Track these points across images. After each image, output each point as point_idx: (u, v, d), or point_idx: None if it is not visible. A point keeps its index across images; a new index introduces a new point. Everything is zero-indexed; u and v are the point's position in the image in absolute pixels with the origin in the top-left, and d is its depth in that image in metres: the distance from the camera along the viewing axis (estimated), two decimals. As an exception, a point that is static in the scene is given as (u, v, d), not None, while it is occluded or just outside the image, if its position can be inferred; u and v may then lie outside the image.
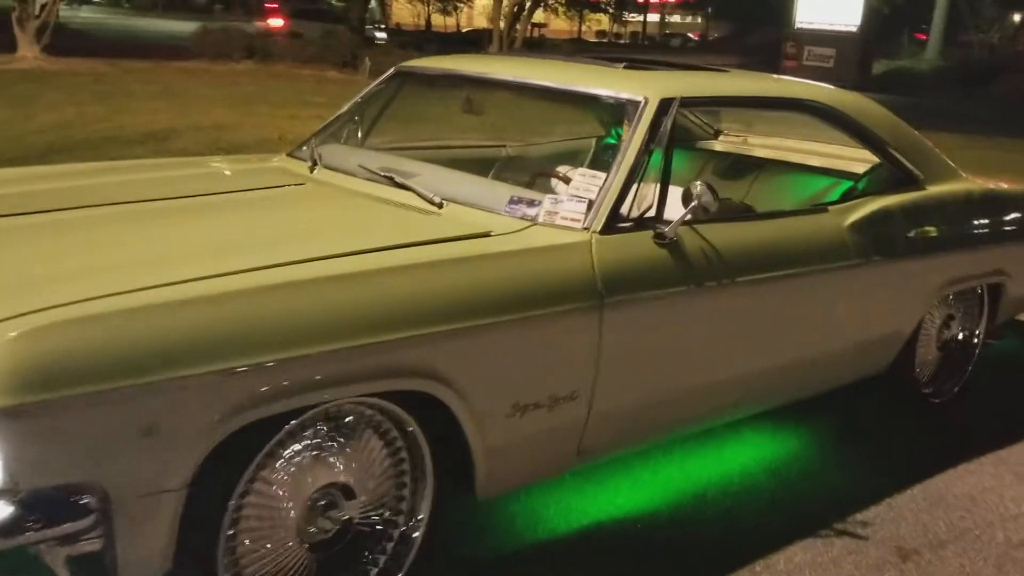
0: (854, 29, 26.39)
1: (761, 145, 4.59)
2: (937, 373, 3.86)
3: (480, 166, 3.00)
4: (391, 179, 2.82)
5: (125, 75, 15.20)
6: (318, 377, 2.00)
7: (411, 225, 2.58)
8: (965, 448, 3.57)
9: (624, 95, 2.84)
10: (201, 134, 9.46)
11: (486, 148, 3.69)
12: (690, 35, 45.52)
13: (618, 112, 2.83)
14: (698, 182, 2.66)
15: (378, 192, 2.81)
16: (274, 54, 18.19)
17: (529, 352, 2.38)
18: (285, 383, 1.94)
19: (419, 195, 2.72)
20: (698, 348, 2.83)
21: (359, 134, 3.43)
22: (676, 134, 4.69)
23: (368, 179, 2.91)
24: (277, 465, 2.10)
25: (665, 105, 2.78)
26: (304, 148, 3.26)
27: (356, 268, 2.16)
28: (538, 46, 19.71)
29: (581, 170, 2.69)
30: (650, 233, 2.64)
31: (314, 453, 2.17)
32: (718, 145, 4.70)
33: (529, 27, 30.01)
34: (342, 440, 2.21)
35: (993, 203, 3.93)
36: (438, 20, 47.35)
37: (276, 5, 28.03)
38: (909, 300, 3.47)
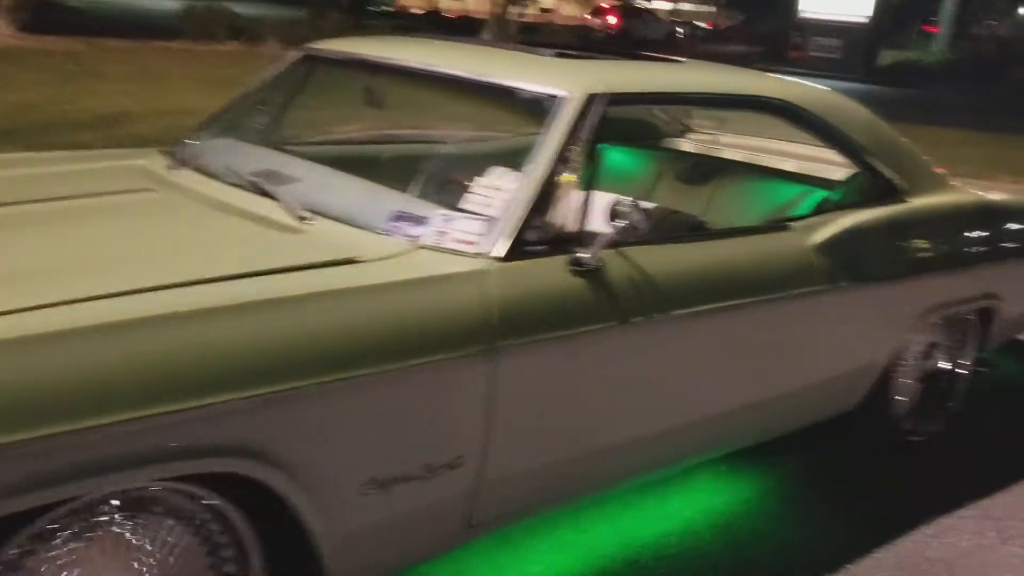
0: (863, 20, 25.83)
1: (733, 145, 4.13)
2: (918, 408, 3.40)
3: (378, 170, 2.55)
4: (257, 186, 2.36)
5: (102, 54, 14.70)
6: (84, 459, 1.53)
7: (255, 248, 2.09)
8: (945, 497, 3.11)
9: (543, 88, 2.37)
10: (161, 119, 8.96)
11: (392, 147, 3.23)
12: (698, 23, 44.85)
13: (536, 108, 2.36)
14: (625, 198, 2.21)
15: (240, 201, 2.34)
16: (261, 35, 17.66)
17: (393, 414, 1.91)
18: (32, 469, 1.47)
19: (284, 207, 2.26)
20: (624, 397, 2.38)
21: (251, 127, 2.97)
22: (638, 131, 4.40)
23: (234, 184, 2.45)
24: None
25: (592, 101, 2.33)
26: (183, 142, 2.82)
27: (148, 311, 1.66)
28: (532, 32, 19.16)
29: (484, 179, 2.23)
30: (566, 258, 2.20)
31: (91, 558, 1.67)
32: (685, 144, 4.25)
33: (540, 11, 29.36)
34: (139, 537, 1.72)
35: (984, 217, 3.45)
36: (448, 3, 46.49)
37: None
38: (884, 328, 3.02)
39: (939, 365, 3.42)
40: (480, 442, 2.04)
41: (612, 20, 31.22)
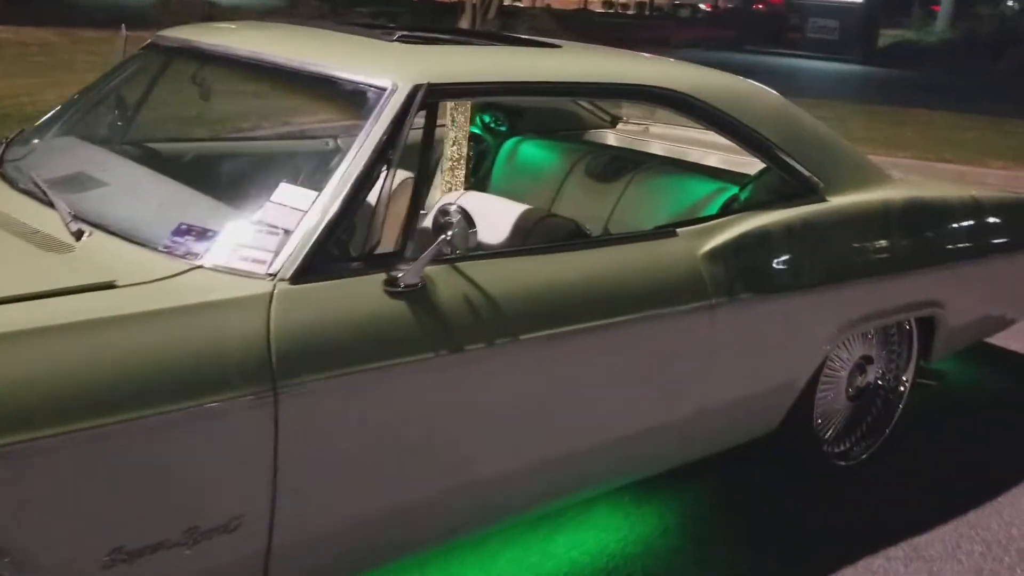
0: (861, 0, 25.28)
1: (664, 137, 3.79)
2: (848, 428, 3.05)
3: (205, 173, 2.23)
4: (44, 193, 2.04)
5: (75, 46, 14.37)
6: None
7: (8, 270, 1.77)
8: (874, 534, 2.74)
9: (366, 78, 2.04)
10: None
11: (217, 145, 2.90)
12: (701, 5, 44.23)
13: (361, 100, 2.03)
14: (453, 205, 1.89)
15: (24, 211, 2.02)
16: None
17: (142, 470, 1.59)
18: None
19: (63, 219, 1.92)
20: (460, 435, 2.03)
21: (93, 122, 2.65)
22: (557, 122, 4.04)
23: (24, 191, 2.13)
24: None
25: (421, 93, 1.99)
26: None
27: None
28: (514, 16, 18.68)
29: (285, 186, 1.90)
30: (382, 278, 1.88)
31: None
32: (611, 136, 3.90)
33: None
34: None
35: (922, 216, 3.04)
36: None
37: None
38: (800, 343, 2.66)
39: (874, 381, 3.08)
40: (264, 500, 1.71)
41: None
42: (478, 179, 3.66)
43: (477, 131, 3.74)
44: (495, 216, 2.45)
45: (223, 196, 1.97)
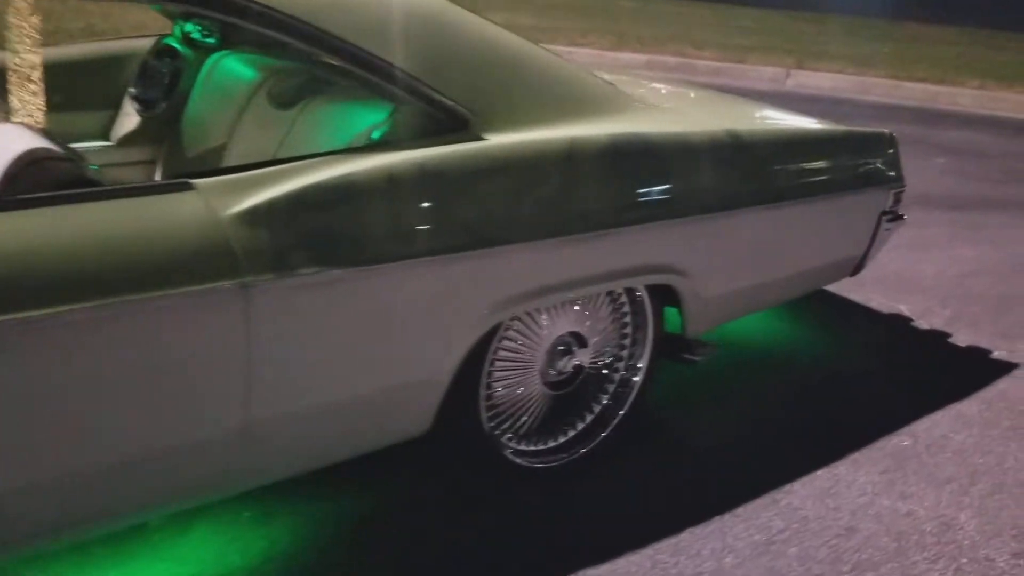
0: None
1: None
2: (550, 423, 2.34)
3: None
4: None
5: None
6: None
7: None
8: (562, 559, 1.97)
9: None
10: None
11: None
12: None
13: None
14: None
15: None
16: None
17: None
18: None
19: None
20: None
21: None
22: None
23: None
24: None
25: None
26: None
27: None
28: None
29: None
30: None
31: None
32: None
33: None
34: None
35: (641, 159, 2.19)
36: None
37: None
38: (420, 328, 1.90)
39: (593, 364, 2.36)
40: None
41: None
42: (172, 102, 3.03)
43: (175, 43, 3.09)
44: None
45: None
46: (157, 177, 2.95)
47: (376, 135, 1.98)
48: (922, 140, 7.26)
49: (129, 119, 2.97)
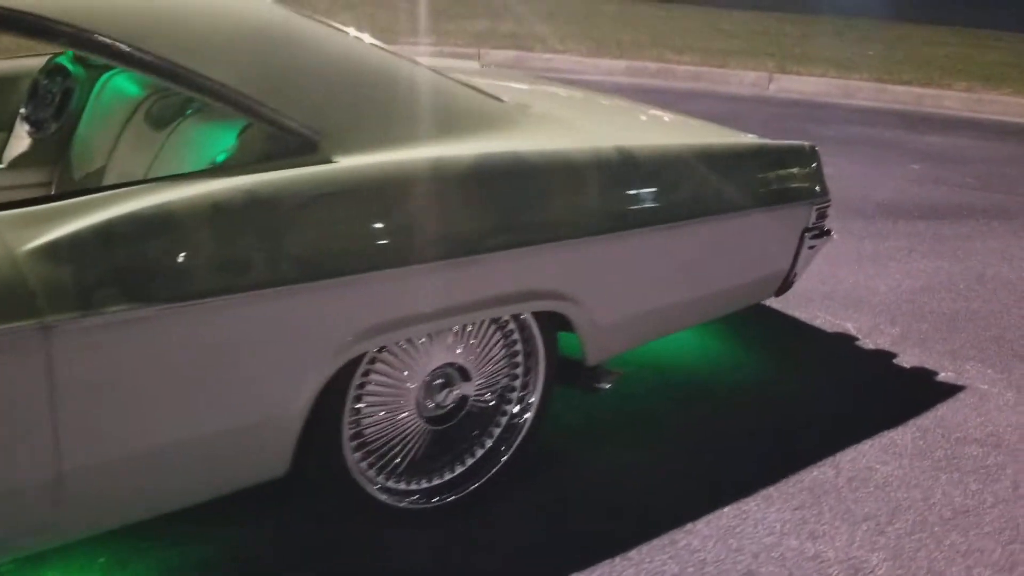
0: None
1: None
2: (433, 460, 2.19)
3: None
4: None
5: None
6: None
7: None
8: None
9: None
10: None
11: None
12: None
13: None
14: None
15: None
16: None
17: None
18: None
19: None
20: None
21: None
22: None
23: None
24: None
25: None
26: None
27: None
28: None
29: None
30: None
31: None
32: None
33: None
34: None
35: (513, 179, 2.02)
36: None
37: None
38: (269, 361, 1.75)
39: (482, 396, 2.21)
40: None
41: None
42: (64, 123, 2.89)
43: (66, 63, 2.96)
44: None
45: None
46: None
47: (221, 158, 1.84)
48: (899, 145, 7.11)
49: (21, 141, 2.84)
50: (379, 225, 1.82)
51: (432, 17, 12.91)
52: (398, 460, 2.11)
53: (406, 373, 2.05)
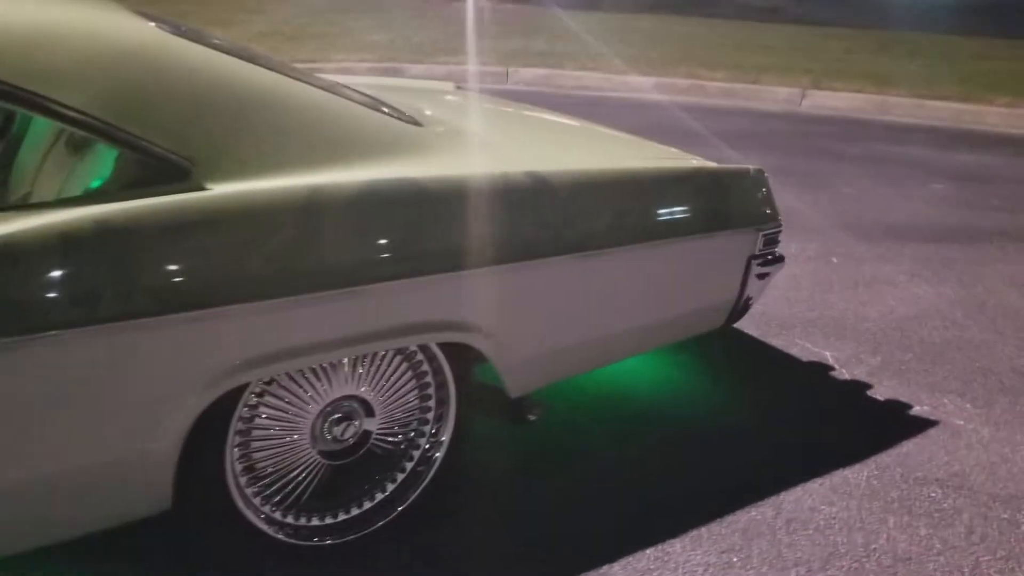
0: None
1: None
2: (336, 496, 2.11)
3: None
4: None
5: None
6: None
7: None
8: None
9: None
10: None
11: None
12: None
13: None
14: None
15: None
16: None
17: None
18: None
19: None
20: None
21: None
22: None
23: None
24: None
25: None
26: None
27: None
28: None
29: None
30: None
31: None
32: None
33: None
34: None
35: (408, 204, 1.94)
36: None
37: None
38: (127, 396, 1.69)
39: (388, 431, 2.14)
40: None
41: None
42: (7, 146, 2.91)
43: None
44: None
45: None
46: None
47: (95, 185, 1.80)
48: (926, 164, 6.86)
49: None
50: (252, 255, 1.76)
51: (468, 36, 12.93)
52: (293, 494, 2.04)
53: (299, 405, 1.99)
